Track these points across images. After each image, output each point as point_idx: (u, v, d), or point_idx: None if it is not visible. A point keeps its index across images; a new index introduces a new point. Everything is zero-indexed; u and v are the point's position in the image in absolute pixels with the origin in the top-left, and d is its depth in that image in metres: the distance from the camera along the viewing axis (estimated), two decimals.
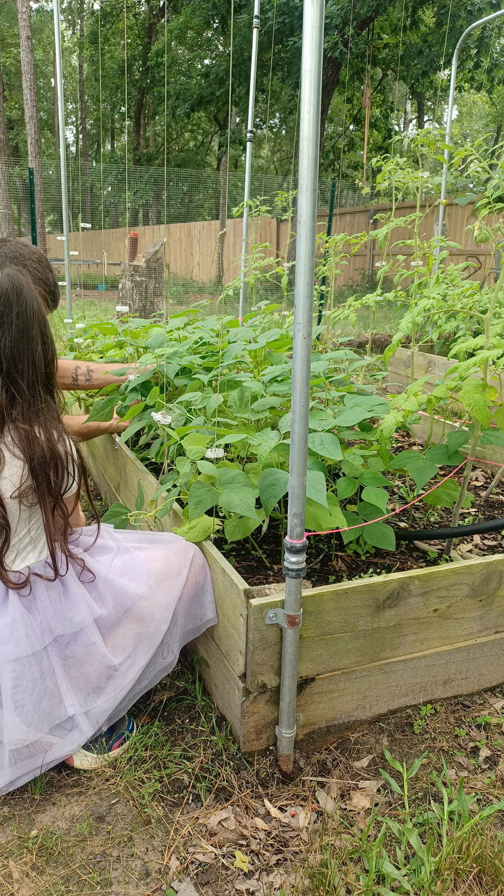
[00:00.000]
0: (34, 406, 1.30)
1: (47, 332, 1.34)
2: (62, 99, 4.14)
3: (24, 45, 13.83)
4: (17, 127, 28.69)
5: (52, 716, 1.34)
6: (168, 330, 2.54)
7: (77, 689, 1.36)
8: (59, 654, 1.34)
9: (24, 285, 1.30)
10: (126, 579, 1.42)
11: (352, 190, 15.86)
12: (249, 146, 4.62)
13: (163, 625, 1.43)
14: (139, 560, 1.45)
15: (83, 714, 1.36)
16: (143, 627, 1.41)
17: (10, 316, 1.28)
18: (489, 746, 1.49)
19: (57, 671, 1.34)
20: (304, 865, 1.20)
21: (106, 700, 1.38)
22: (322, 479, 1.39)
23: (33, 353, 1.30)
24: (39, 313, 1.32)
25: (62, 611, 1.33)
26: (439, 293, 1.95)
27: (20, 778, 1.33)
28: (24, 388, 1.29)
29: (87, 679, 1.36)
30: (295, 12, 11.56)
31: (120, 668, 1.38)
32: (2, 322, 1.27)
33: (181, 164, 25.47)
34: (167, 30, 16.86)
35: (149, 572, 1.44)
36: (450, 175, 4.91)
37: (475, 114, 30.75)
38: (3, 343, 1.27)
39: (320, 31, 1.04)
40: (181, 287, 14.50)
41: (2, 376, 1.28)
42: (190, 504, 1.46)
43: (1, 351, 1.27)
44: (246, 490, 1.46)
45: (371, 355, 2.67)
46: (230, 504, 1.43)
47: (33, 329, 1.30)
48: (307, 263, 1.11)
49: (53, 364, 1.36)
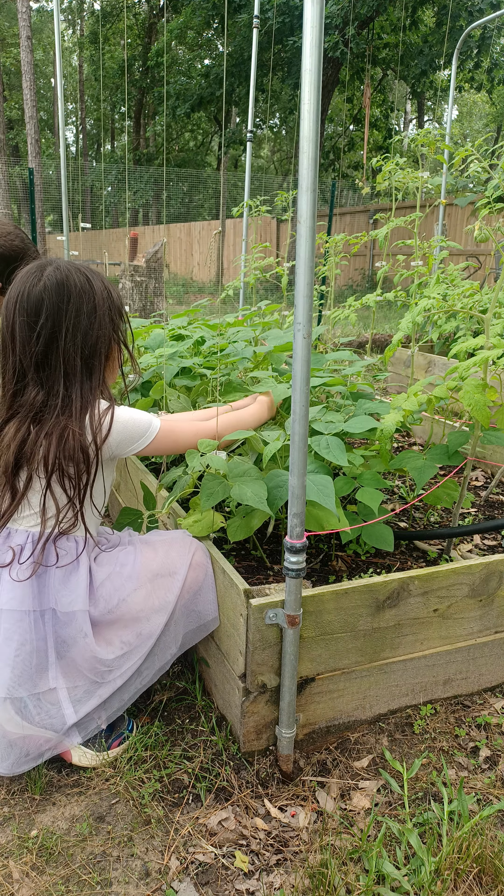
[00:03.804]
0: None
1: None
2: (62, 99, 4.15)
3: (24, 45, 13.82)
4: (17, 127, 28.69)
5: (37, 683, 1.35)
6: (170, 329, 2.54)
7: (63, 672, 1.37)
8: (53, 627, 1.35)
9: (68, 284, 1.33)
10: (122, 578, 1.41)
11: (352, 190, 15.87)
12: (249, 146, 4.62)
13: (158, 625, 1.42)
14: (136, 558, 1.45)
15: (65, 692, 1.36)
16: (137, 626, 1.41)
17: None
18: (489, 746, 1.49)
19: (49, 641, 1.35)
20: (304, 865, 1.20)
21: (93, 693, 1.38)
22: (330, 483, 1.39)
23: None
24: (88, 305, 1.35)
25: (65, 590, 1.35)
26: (439, 293, 1.95)
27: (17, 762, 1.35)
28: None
29: (74, 664, 1.37)
30: (295, 12, 11.56)
31: (110, 665, 1.38)
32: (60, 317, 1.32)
33: (181, 164, 25.47)
34: (167, 30, 16.86)
35: (145, 570, 1.43)
36: (450, 175, 4.91)
37: (475, 114, 30.76)
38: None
39: (320, 31, 1.04)
40: (181, 287, 14.50)
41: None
42: (202, 495, 1.46)
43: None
44: (258, 483, 1.45)
45: (371, 355, 2.67)
46: (242, 496, 1.42)
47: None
48: (307, 263, 1.11)
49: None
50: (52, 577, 1.35)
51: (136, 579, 1.41)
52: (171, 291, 13.44)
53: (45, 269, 1.33)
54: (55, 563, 1.35)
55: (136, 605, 1.41)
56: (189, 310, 2.86)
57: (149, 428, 1.43)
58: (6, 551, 1.35)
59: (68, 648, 1.36)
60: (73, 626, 1.34)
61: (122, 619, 1.40)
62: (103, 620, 1.38)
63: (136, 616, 1.41)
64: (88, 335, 1.34)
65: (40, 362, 1.32)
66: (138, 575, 1.42)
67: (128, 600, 1.40)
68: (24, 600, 1.32)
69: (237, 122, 20.86)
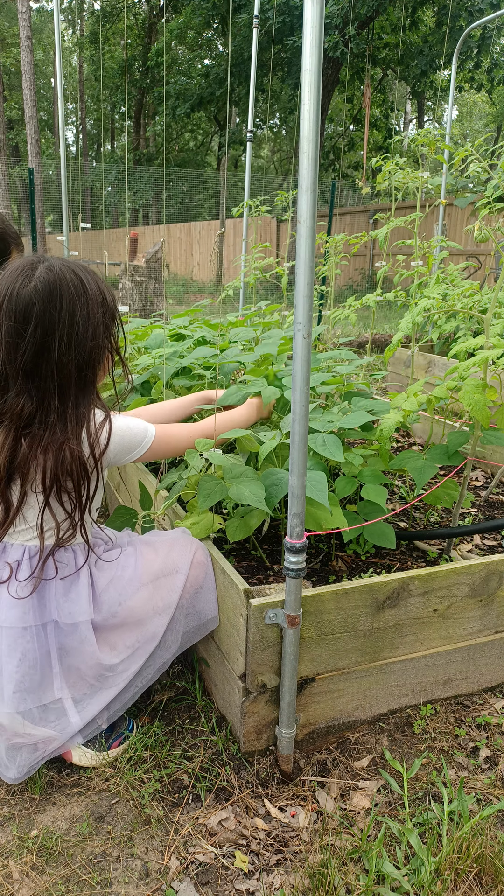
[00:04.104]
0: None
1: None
2: (62, 99, 4.15)
3: (24, 45, 13.83)
4: (17, 127, 28.69)
5: (42, 696, 1.34)
6: (171, 329, 2.54)
7: (68, 681, 1.36)
8: (56, 638, 1.34)
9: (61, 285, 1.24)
10: (124, 581, 1.41)
11: (352, 190, 15.87)
12: (249, 146, 4.62)
13: (160, 626, 1.42)
14: (137, 560, 1.45)
15: (70, 701, 1.36)
16: (140, 629, 1.41)
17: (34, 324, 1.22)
18: (489, 746, 1.49)
19: (52, 653, 1.34)
20: (304, 865, 1.20)
21: (98, 697, 1.38)
22: (324, 479, 1.39)
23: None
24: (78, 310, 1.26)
25: (66, 601, 1.34)
26: (439, 293, 1.95)
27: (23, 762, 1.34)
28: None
29: (78, 673, 1.36)
30: (295, 12, 11.56)
31: (114, 669, 1.38)
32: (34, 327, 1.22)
33: (181, 164, 25.47)
34: (167, 30, 16.86)
35: (146, 572, 1.43)
36: (450, 175, 4.91)
37: (475, 114, 30.76)
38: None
39: (320, 31, 1.04)
40: (181, 287, 14.50)
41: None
42: (199, 496, 1.46)
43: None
44: (256, 483, 1.46)
45: (371, 355, 2.67)
46: (240, 496, 1.42)
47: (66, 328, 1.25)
48: (307, 263, 1.11)
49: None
50: (52, 589, 1.33)
51: (139, 582, 1.41)
52: (171, 291, 13.44)
53: (36, 269, 1.23)
54: (55, 576, 1.33)
55: (139, 608, 1.40)
56: (189, 310, 2.86)
57: (145, 436, 1.41)
58: (3, 567, 1.32)
59: (71, 657, 1.35)
60: (76, 636, 1.34)
61: (126, 623, 1.40)
62: (106, 625, 1.38)
63: (139, 618, 1.41)
64: (83, 345, 1.25)
65: (29, 372, 1.24)
66: (140, 577, 1.42)
67: (131, 603, 1.39)
68: (24, 617, 1.30)
69: (237, 122, 20.86)
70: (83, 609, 1.34)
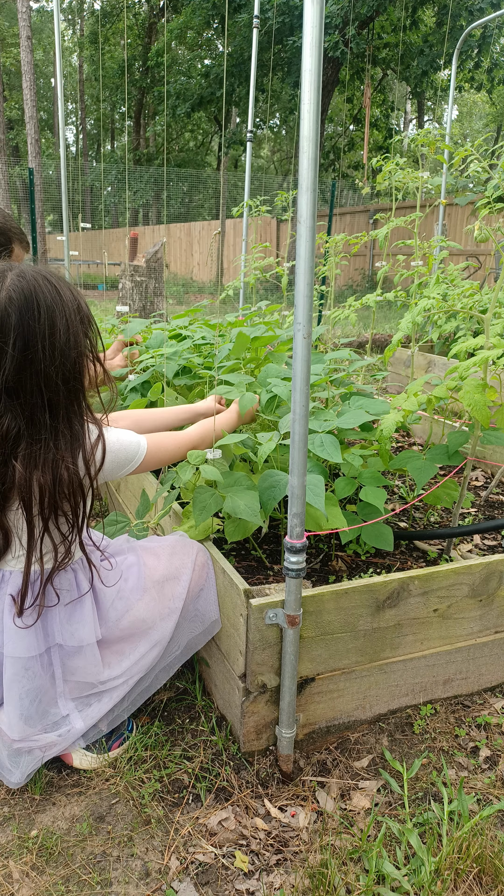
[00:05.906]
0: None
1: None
2: (62, 99, 4.15)
3: (24, 45, 13.82)
4: (17, 127, 28.68)
5: (48, 715, 1.35)
6: (171, 329, 2.54)
7: (72, 694, 1.37)
8: (61, 659, 1.34)
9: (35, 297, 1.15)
10: (128, 590, 1.40)
11: (352, 190, 15.87)
12: (249, 146, 4.62)
13: (166, 631, 1.42)
14: (139, 567, 1.44)
15: (77, 712, 1.36)
16: (145, 635, 1.41)
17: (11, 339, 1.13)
18: (489, 746, 1.49)
19: (56, 673, 1.34)
20: (304, 865, 1.20)
21: (101, 703, 1.38)
22: (321, 483, 1.39)
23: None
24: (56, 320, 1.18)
25: (70, 625, 1.33)
26: (439, 293, 1.95)
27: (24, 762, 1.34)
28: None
29: (83, 684, 1.37)
30: (295, 12, 11.56)
31: (119, 677, 1.38)
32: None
33: (181, 164, 25.47)
34: (167, 30, 16.86)
35: (149, 579, 1.42)
36: (450, 175, 4.91)
37: (475, 114, 30.75)
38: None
39: (320, 31, 1.04)
40: (181, 287, 14.50)
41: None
42: (194, 511, 1.46)
43: None
44: (250, 494, 1.46)
45: (371, 355, 2.67)
46: (235, 509, 1.43)
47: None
48: (307, 263, 1.11)
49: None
50: (55, 614, 1.32)
51: (142, 589, 1.40)
52: (171, 291, 13.44)
53: (5, 277, 1.14)
54: (57, 603, 1.31)
55: (144, 615, 1.40)
56: (190, 310, 2.86)
57: (138, 450, 1.37)
58: (4, 596, 1.29)
59: (77, 675, 1.36)
60: (81, 657, 1.34)
61: (131, 629, 1.40)
62: (112, 637, 1.38)
63: (144, 625, 1.40)
64: (66, 355, 1.17)
65: (13, 389, 1.15)
66: (144, 584, 1.41)
67: (136, 611, 1.39)
68: (29, 647, 1.29)
69: (237, 122, 20.86)
70: (88, 632, 1.33)
